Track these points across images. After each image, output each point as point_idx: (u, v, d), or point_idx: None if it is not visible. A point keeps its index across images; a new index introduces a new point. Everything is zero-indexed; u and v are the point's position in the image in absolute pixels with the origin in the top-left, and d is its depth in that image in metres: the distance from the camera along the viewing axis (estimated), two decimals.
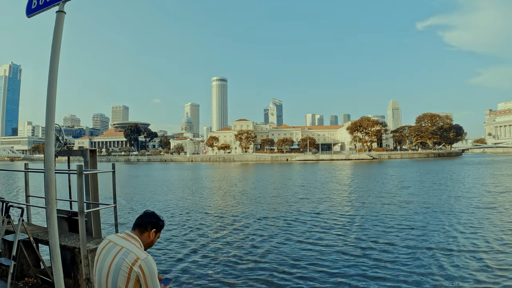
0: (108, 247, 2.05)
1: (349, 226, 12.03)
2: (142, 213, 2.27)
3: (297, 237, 10.71)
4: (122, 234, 2.13)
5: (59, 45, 3.13)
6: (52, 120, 2.99)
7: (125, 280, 1.92)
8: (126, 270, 1.93)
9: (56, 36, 3.12)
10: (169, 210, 16.72)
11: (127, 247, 2.02)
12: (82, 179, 3.22)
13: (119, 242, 2.05)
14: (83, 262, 3.24)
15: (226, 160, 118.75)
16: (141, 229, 2.17)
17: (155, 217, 2.25)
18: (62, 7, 3.24)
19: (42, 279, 4.02)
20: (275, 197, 20.74)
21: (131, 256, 1.96)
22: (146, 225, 2.18)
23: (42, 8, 3.46)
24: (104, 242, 2.10)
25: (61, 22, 3.20)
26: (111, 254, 2.00)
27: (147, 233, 2.17)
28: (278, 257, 8.62)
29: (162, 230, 2.27)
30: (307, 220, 13.25)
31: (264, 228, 12.18)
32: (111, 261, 1.97)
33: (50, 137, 2.93)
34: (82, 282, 3.34)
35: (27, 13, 3.66)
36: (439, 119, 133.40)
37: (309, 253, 8.87)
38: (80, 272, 3.32)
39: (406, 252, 8.65)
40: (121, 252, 1.99)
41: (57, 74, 3.09)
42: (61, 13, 3.22)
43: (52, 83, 2.99)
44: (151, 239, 2.19)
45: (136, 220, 2.22)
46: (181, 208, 17.13)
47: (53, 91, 3.02)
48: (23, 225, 3.46)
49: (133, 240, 2.08)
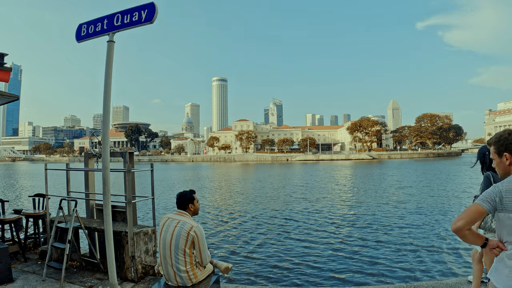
0: (169, 221, 2.83)
1: (349, 223, 12.75)
2: (177, 196, 3.01)
3: (294, 233, 11.40)
4: (175, 212, 2.93)
5: (111, 71, 3.85)
6: (107, 134, 3.74)
7: (184, 242, 2.71)
8: (185, 234, 2.72)
9: (108, 63, 3.85)
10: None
11: (182, 220, 2.81)
12: (130, 176, 3.97)
13: (176, 217, 2.85)
14: (129, 243, 4.00)
15: (227, 160, 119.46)
16: (184, 206, 2.94)
17: (185, 196, 2.98)
18: (111, 37, 3.97)
19: (86, 261, 4.77)
20: (275, 196, 21.48)
21: (187, 225, 2.75)
22: (184, 204, 2.95)
23: (92, 36, 4.19)
24: (164, 219, 2.89)
25: (112, 50, 3.93)
26: (172, 226, 2.78)
27: (188, 208, 2.95)
28: (270, 250, 9.22)
29: (195, 196, 3.03)
30: (304, 218, 13.97)
31: (265, 223, 12.91)
32: (173, 230, 2.75)
33: (106, 143, 3.67)
34: (127, 260, 4.10)
35: (76, 38, 4.39)
36: (439, 119, 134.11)
37: (301, 246, 9.58)
38: (126, 251, 4.07)
39: (393, 249, 9.25)
40: (180, 223, 2.77)
41: (110, 95, 3.83)
42: (111, 42, 3.95)
43: (106, 105, 3.75)
44: (194, 209, 2.98)
45: (177, 203, 2.98)
46: None
47: (107, 110, 3.78)
48: (76, 215, 4.21)
49: (185, 215, 2.88)
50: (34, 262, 5.34)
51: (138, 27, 3.78)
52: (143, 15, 3.71)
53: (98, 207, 5.24)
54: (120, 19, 3.89)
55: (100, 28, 4.07)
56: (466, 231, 1.71)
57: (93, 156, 5.01)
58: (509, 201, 1.70)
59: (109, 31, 3.98)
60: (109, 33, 3.99)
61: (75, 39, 4.37)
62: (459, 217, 1.74)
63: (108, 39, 3.97)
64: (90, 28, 4.19)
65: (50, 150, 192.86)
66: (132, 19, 3.79)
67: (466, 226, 1.70)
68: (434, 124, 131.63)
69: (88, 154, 5.08)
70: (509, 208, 1.71)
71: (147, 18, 3.68)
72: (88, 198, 4.92)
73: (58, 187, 22.77)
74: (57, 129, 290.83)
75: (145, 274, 4.20)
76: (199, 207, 3.05)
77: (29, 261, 5.39)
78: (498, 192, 1.73)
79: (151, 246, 4.32)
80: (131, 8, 3.84)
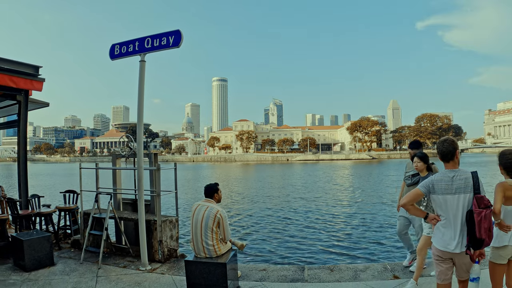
0: (199, 207, 3.63)
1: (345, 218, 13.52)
2: (205, 187, 3.83)
3: (294, 225, 12.23)
4: (203, 200, 3.73)
5: (143, 87, 4.64)
6: (141, 142, 4.52)
7: (212, 222, 3.51)
8: (212, 217, 3.52)
9: (141, 81, 4.64)
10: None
11: (210, 205, 3.63)
12: (159, 173, 4.74)
13: (205, 204, 3.66)
14: (157, 229, 4.78)
15: (227, 160, 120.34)
16: (211, 195, 3.77)
17: (212, 187, 3.82)
18: (143, 57, 4.75)
19: (116, 247, 5.54)
20: (275, 194, 22.26)
21: (214, 210, 3.57)
22: (211, 193, 3.78)
23: (124, 55, 4.96)
24: (195, 205, 3.70)
25: (143, 69, 4.70)
26: (202, 210, 3.58)
27: (214, 196, 3.78)
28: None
29: (219, 187, 3.85)
30: (303, 212, 14.74)
31: (269, 215, 13.69)
32: (203, 213, 3.55)
33: (140, 149, 4.44)
34: (155, 244, 4.87)
35: (110, 57, 5.16)
36: (438, 119, 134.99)
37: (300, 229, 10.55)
38: (155, 236, 4.84)
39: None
40: (208, 208, 3.58)
41: (143, 108, 4.61)
42: (143, 62, 4.73)
43: (140, 119, 4.54)
44: (218, 197, 3.82)
45: (205, 193, 3.80)
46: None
47: (141, 121, 4.56)
48: (111, 207, 4.98)
49: (211, 202, 3.71)
50: (67, 250, 6.09)
51: (166, 50, 4.55)
52: (170, 40, 4.49)
53: (124, 201, 6.02)
54: (150, 42, 4.67)
55: (132, 49, 4.85)
56: (410, 206, 2.59)
57: (121, 157, 5.77)
58: (438, 187, 2.54)
59: (141, 52, 4.76)
60: (140, 54, 4.77)
61: (109, 57, 5.14)
62: (405, 197, 2.62)
63: (140, 59, 4.75)
64: (123, 49, 4.97)
65: (51, 150, 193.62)
66: (161, 43, 4.56)
67: (409, 203, 2.58)
68: (434, 124, 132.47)
69: (116, 155, 5.84)
70: (438, 192, 2.54)
71: (174, 43, 4.45)
72: (117, 192, 5.67)
73: (74, 184, 23.53)
74: (57, 129, 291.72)
75: (170, 256, 4.98)
76: (222, 196, 3.87)
77: (63, 249, 6.14)
78: (431, 181, 2.58)
79: (175, 233, 5.09)
80: (160, 33, 4.62)
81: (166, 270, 4.69)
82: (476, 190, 2.43)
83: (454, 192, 2.48)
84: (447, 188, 2.50)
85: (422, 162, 4.10)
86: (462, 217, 2.45)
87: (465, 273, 2.58)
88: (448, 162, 2.58)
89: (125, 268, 4.86)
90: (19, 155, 6.76)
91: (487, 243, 2.38)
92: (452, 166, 2.56)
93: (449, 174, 2.53)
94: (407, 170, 4.72)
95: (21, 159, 6.64)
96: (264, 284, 4.08)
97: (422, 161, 4.10)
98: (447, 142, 2.57)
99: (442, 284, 2.62)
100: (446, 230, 2.54)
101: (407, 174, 4.62)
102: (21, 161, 6.61)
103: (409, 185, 4.50)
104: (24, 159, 6.63)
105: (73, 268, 5.02)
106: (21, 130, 6.68)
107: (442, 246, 2.54)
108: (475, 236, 2.35)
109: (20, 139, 6.71)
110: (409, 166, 4.68)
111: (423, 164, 4.10)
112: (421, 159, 4.10)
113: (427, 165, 4.13)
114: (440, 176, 2.57)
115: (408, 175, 4.57)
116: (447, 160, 2.57)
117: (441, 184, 2.53)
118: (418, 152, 4.24)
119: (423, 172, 4.15)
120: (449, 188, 2.49)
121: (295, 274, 4.41)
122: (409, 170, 4.65)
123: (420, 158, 4.11)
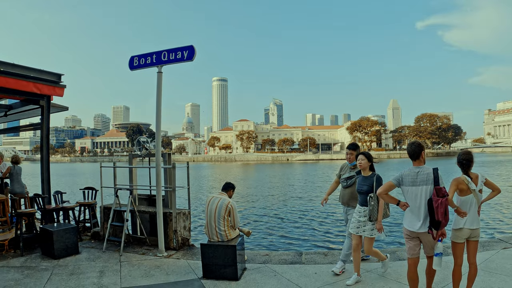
0: (213, 198, 4.29)
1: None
2: (224, 183, 4.56)
3: (292, 218, 12.90)
4: (218, 192, 4.41)
5: (161, 96, 5.29)
6: (159, 144, 5.17)
7: (224, 211, 4.17)
8: (224, 207, 4.18)
9: (158, 90, 5.29)
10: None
11: (223, 197, 4.29)
12: (175, 171, 5.39)
13: (219, 196, 4.33)
14: (172, 221, 5.43)
15: (228, 160, 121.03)
16: (226, 190, 4.46)
17: (230, 185, 4.56)
18: (160, 69, 5.39)
19: (133, 238, 6.18)
20: (276, 193, 22.89)
21: (226, 201, 4.23)
22: (228, 188, 4.49)
23: (143, 67, 5.61)
24: (210, 197, 4.36)
25: (160, 79, 5.35)
26: (216, 201, 4.24)
27: (228, 191, 4.47)
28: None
29: (235, 189, 4.59)
30: (302, 208, 15.39)
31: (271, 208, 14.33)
32: (217, 203, 4.21)
33: (158, 150, 5.08)
34: (170, 233, 5.52)
35: (130, 67, 5.80)
36: (438, 119, 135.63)
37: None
38: (170, 227, 5.49)
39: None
40: (221, 200, 4.24)
41: (160, 115, 5.27)
42: (160, 73, 5.37)
43: (158, 126, 5.20)
44: (230, 194, 4.50)
45: (223, 187, 4.50)
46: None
47: (159, 127, 5.21)
48: (132, 201, 5.62)
49: (224, 195, 4.38)
50: (88, 241, 6.73)
51: (181, 63, 5.19)
52: (185, 54, 5.14)
53: (140, 196, 6.67)
54: (166, 56, 5.31)
55: (150, 61, 5.50)
56: (384, 195, 3.21)
57: (137, 157, 6.42)
58: (406, 180, 3.22)
59: (158, 64, 5.41)
60: (157, 66, 5.42)
61: (129, 68, 5.78)
62: (380, 187, 3.30)
63: (157, 71, 5.40)
64: (141, 60, 5.62)
65: (51, 150, 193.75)
66: (176, 57, 5.21)
67: (384, 192, 3.25)
68: (433, 124, 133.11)
69: (133, 155, 6.49)
70: (406, 184, 3.22)
71: (188, 57, 5.10)
72: (134, 188, 6.33)
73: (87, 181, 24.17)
74: (58, 129, 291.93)
75: (183, 244, 5.64)
76: (233, 195, 4.63)
77: (84, 241, 6.78)
78: (401, 174, 3.26)
79: (187, 224, 5.74)
80: (175, 48, 5.26)
81: (181, 256, 5.34)
82: (436, 183, 3.08)
83: (418, 184, 3.14)
84: (413, 181, 3.17)
85: (367, 160, 4.02)
86: (425, 204, 3.11)
87: (431, 249, 3.24)
88: (415, 160, 3.24)
89: (143, 255, 5.51)
90: (42, 155, 7.41)
91: (443, 224, 3.03)
92: (418, 164, 3.22)
93: (415, 170, 3.20)
94: (342, 172, 4.73)
95: (44, 158, 7.29)
96: (267, 266, 4.73)
97: (366, 159, 4.02)
98: (414, 145, 3.23)
99: (411, 258, 3.29)
100: (412, 214, 3.22)
101: (343, 177, 4.64)
102: (44, 160, 7.26)
103: (345, 187, 4.57)
104: (47, 159, 7.28)
105: (97, 256, 5.66)
106: (44, 133, 7.33)
107: (409, 226, 3.21)
108: (434, 219, 3.01)
109: (43, 141, 7.35)
110: (344, 169, 4.71)
111: (367, 162, 4.02)
112: (366, 157, 4.04)
113: (371, 163, 4.07)
114: (408, 171, 3.25)
115: (344, 178, 4.61)
116: (414, 159, 3.23)
117: (408, 177, 3.20)
118: (364, 151, 4.22)
119: (365, 170, 4.06)
120: (414, 181, 3.16)
121: (294, 258, 5.07)
122: (344, 172, 4.67)
123: (365, 155, 4.06)
